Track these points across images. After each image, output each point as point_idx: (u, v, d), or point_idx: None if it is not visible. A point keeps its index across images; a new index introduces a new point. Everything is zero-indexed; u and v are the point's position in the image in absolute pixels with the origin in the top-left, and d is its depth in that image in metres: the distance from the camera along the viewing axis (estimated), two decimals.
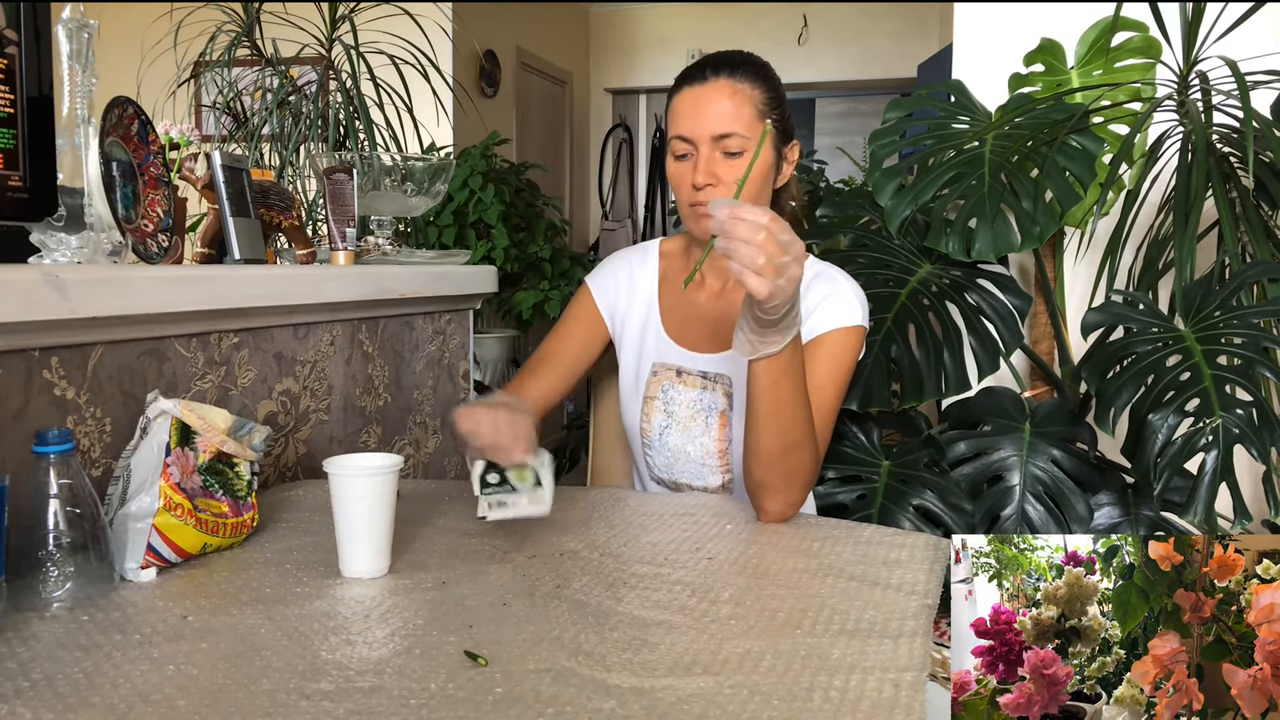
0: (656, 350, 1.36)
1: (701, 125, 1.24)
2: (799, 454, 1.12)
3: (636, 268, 1.41)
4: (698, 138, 1.24)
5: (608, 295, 1.40)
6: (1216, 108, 1.76)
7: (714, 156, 1.24)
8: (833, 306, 1.27)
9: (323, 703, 0.67)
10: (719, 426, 1.31)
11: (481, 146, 3.82)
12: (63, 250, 1.11)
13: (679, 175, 1.28)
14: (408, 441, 1.72)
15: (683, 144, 1.26)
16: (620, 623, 0.82)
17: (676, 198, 1.30)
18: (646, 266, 1.41)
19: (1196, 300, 1.58)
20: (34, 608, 0.83)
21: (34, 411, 0.98)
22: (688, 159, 1.26)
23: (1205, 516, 1.40)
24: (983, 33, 2.42)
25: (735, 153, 1.24)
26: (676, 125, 1.26)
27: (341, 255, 1.57)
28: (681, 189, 1.28)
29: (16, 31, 0.95)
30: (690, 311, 1.36)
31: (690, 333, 1.35)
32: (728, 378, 1.31)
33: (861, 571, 0.96)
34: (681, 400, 1.33)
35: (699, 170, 1.24)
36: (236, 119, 2.74)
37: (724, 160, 1.24)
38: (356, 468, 0.93)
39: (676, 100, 1.28)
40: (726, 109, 1.23)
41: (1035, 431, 1.71)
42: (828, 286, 1.29)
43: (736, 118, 1.23)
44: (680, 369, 1.34)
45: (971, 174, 1.78)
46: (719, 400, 1.31)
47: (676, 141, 1.26)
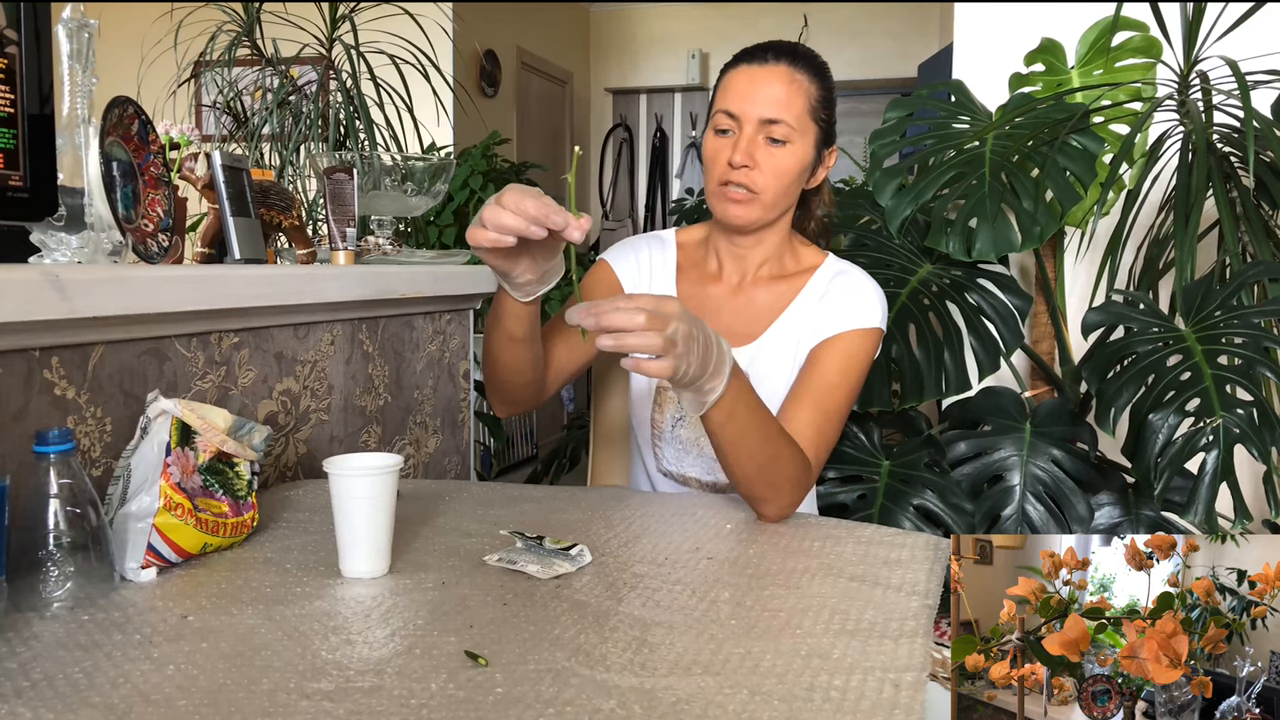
0: None
1: (753, 105, 1.22)
2: (777, 466, 1.10)
3: (655, 253, 1.39)
4: (745, 117, 1.22)
5: (629, 272, 1.37)
6: (1217, 107, 1.76)
7: (757, 140, 1.22)
8: (851, 307, 1.26)
9: (323, 703, 0.67)
10: None
11: (482, 146, 3.82)
12: (63, 250, 1.11)
13: (717, 150, 1.25)
14: (408, 441, 1.72)
15: (727, 119, 1.23)
16: (620, 623, 0.82)
17: (707, 174, 1.27)
18: (665, 255, 1.38)
19: (1197, 300, 1.58)
20: (34, 607, 0.83)
21: (34, 411, 0.98)
22: (729, 135, 1.24)
23: (1205, 516, 1.40)
24: (983, 32, 2.42)
25: (779, 140, 1.22)
26: (725, 100, 1.24)
27: (342, 255, 1.57)
28: (716, 164, 1.25)
29: (17, 31, 0.95)
30: (706, 304, 1.34)
31: (709, 322, 1.32)
32: (744, 373, 1.30)
33: (862, 571, 0.96)
34: None
35: (739, 149, 1.21)
36: (237, 119, 2.74)
37: (766, 146, 1.22)
38: (357, 468, 0.93)
39: (731, 76, 1.25)
40: (780, 95, 1.22)
41: (1036, 431, 1.71)
42: (849, 285, 1.29)
43: (789, 106, 1.22)
44: None
45: (972, 174, 1.78)
46: None
47: (721, 116, 1.24)
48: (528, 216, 0.92)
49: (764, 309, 1.32)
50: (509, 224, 0.92)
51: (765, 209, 1.25)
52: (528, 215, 0.92)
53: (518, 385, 1.21)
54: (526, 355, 1.16)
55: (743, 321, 1.31)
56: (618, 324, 0.90)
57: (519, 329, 1.12)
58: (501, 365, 1.18)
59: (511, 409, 1.26)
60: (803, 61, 1.25)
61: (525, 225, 0.92)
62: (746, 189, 1.23)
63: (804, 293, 1.31)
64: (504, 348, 1.15)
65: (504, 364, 1.18)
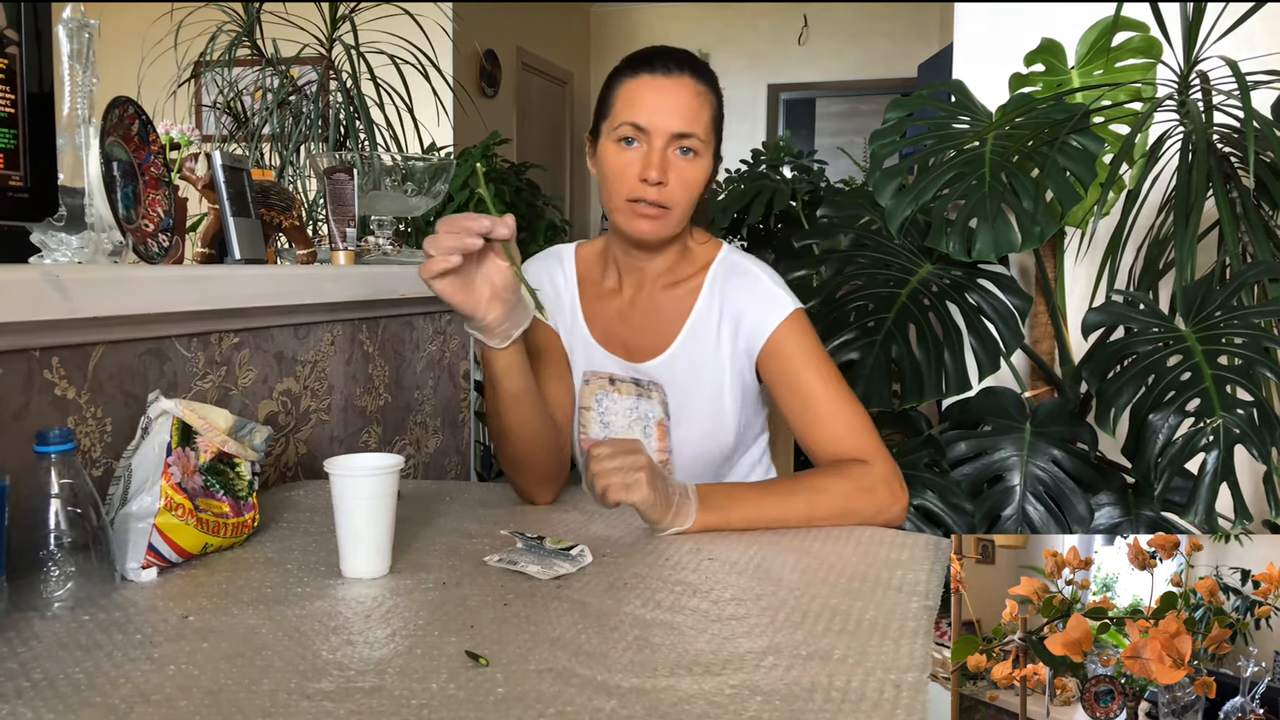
0: (586, 358, 1.31)
1: (664, 118, 1.17)
2: (828, 500, 1.13)
3: (555, 272, 1.34)
4: (655, 130, 1.17)
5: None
6: (1217, 108, 1.76)
7: (668, 154, 1.18)
8: (759, 308, 1.24)
9: (323, 703, 0.67)
10: (658, 438, 1.28)
11: (482, 146, 3.82)
12: (63, 250, 1.11)
13: (625, 164, 1.19)
14: (408, 441, 1.72)
15: (634, 131, 1.18)
16: (621, 623, 0.82)
17: (610, 188, 1.21)
18: (564, 272, 1.34)
19: (1197, 300, 1.58)
20: (35, 607, 0.82)
21: (35, 411, 0.98)
22: (635, 147, 1.19)
23: (1206, 517, 1.39)
24: (983, 33, 2.42)
25: (689, 151, 1.19)
26: (632, 111, 1.18)
27: (342, 255, 1.57)
28: (624, 179, 1.19)
29: (17, 31, 0.95)
30: (613, 318, 1.31)
31: (616, 339, 1.30)
32: (661, 387, 1.28)
33: (862, 572, 0.96)
34: (617, 409, 1.29)
35: (653, 165, 1.17)
36: (237, 119, 2.73)
37: (676, 159, 1.19)
38: (357, 468, 0.93)
39: (633, 86, 1.19)
40: (691, 108, 1.18)
41: (1036, 431, 1.71)
42: (744, 287, 1.26)
43: (698, 118, 1.19)
44: (613, 376, 1.30)
45: (972, 174, 1.78)
46: (655, 409, 1.28)
47: (627, 128, 1.18)
48: (458, 229, 1.00)
49: (668, 318, 1.29)
50: (447, 243, 1.00)
51: (676, 224, 1.22)
52: (457, 228, 1.00)
53: (538, 450, 1.17)
54: (532, 411, 1.14)
55: (650, 334, 1.29)
56: (607, 467, 1.03)
57: (514, 383, 1.11)
58: (513, 432, 1.15)
59: (545, 485, 1.21)
60: (704, 73, 1.22)
61: (460, 240, 0.99)
62: (660, 205, 1.19)
63: (703, 294, 1.28)
64: (510, 409, 1.13)
65: (515, 428, 1.15)
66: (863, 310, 1.78)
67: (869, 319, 1.75)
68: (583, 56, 6.92)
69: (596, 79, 6.97)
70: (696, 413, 1.28)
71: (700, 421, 1.28)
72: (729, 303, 1.26)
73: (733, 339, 1.26)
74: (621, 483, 1.02)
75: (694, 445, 1.29)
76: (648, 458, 1.05)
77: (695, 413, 1.28)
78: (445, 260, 0.99)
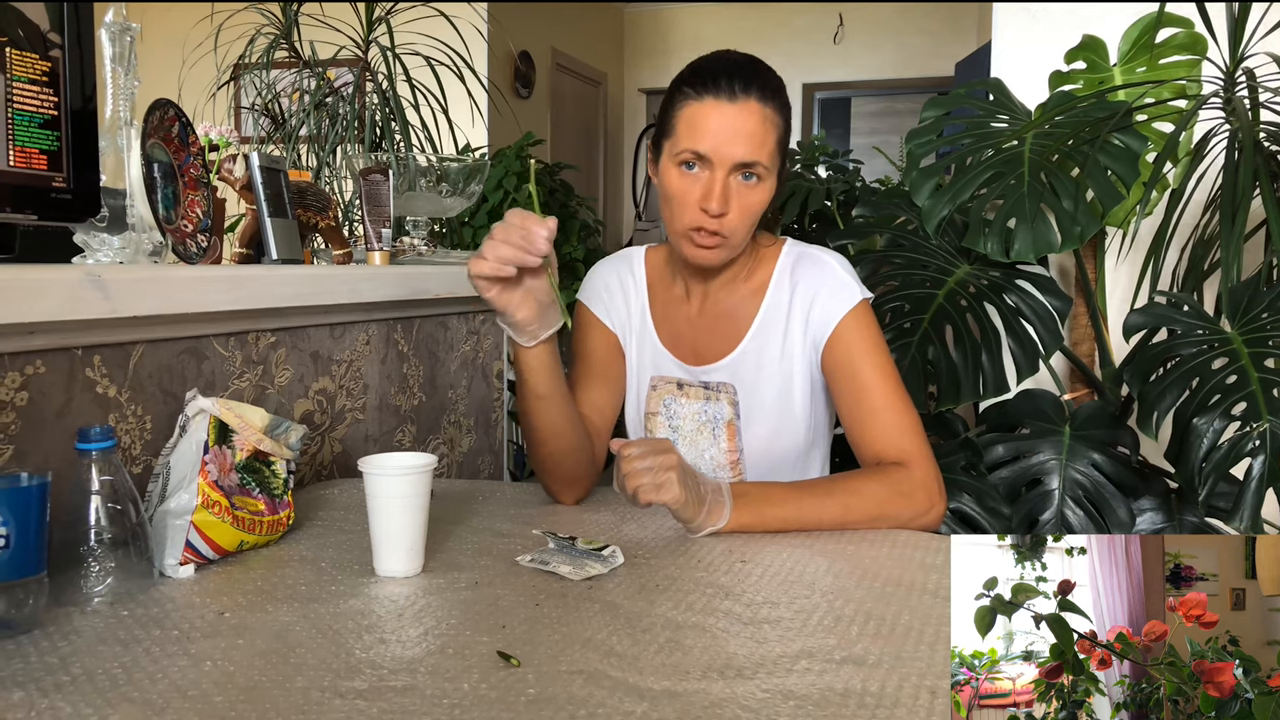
0: (654, 363, 1.31)
1: (729, 149, 1.13)
2: (863, 502, 1.12)
3: (625, 276, 1.33)
4: (719, 160, 1.13)
5: (604, 305, 1.32)
6: (1264, 105, 1.73)
7: (730, 183, 1.14)
8: (828, 295, 1.23)
9: (356, 701, 0.67)
10: (727, 438, 1.27)
11: (516, 147, 3.83)
12: (105, 250, 1.13)
13: (685, 191, 1.16)
14: (442, 441, 1.73)
15: (696, 158, 1.14)
16: (653, 625, 0.81)
17: (672, 213, 1.18)
18: (635, 276, 1.33)
19: (1244, 302, 1.54)
20: (75, 603, 0.84)
21: (76, 409, 1.00)
22: (695, 172, 1.15)
23: (1252, 523, 1.36)
24: (1022, 30, 2.39)
25: (752, 177, 1.16)
26: (695, 139, 1.14)
27: (377, 255, 1.58)
28: (686, 207, 1.16)
29: (60, 35, 0.97)
30: (681, 324, 1.30)
31: (685, 344, 1.30)
32: (731, 386, 1.27)
33: (897, 576, 0.95)
34: (685, 413, 1.29)
35: (715, 196, 1.13)
36: (274, 120, 2.77)
37: (741, 185, 1.16)
38: (391, 467, 0.94)
39: (698, 111, 1.14)
40: (756, 136, 1.13)
41: (1075, 435, 1.68)
42: (814, 273, 1.25)
43: (763, 146, 1.14)
44: (681, 381, 1.29)
45: (1010, 173, 1.75)
46: (724, 410, 1.27)
47: (689, 154, 1.14)
48: (521, 243, 1.01)
49: (737, 319, 1.28)
50: (506, 254, 1.02)
51: (735, 249, 1.21)
52: (519, 242, 1.01)
53: (562, 451, 1.18)
54: (559, 413, 1.15)
55: (718, 337, 1.28)
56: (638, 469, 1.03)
57: (542, 383, 1.12)
58: (539, 432, 1.16)
59: (573, 487, 1.22)
60: (771, 94, 1.16)
61: (521, 256, 1.02)
62: (718, 234, 1.16)
63: (771, 287, 1.27)
64: (537, 411, 1.14)
65: (541, 429, 1.15)
66: (899, 311, 1.76)
67: (905, 320, 1.74)
68: (616, 57, 6.92)
69: (630, 79, 7.00)
70: (766, 410, 1.27)
71: (769, 419, 1.27)
72: (800, 291, 1.25)
73: (803, 329, 1.25)
74: (652, 483, 1.02)
75: (764, 443, 1.28)
76: (678, 457, 1.05)
77: (765, 410, 1.27)
78: (500, 268, 1.02)
